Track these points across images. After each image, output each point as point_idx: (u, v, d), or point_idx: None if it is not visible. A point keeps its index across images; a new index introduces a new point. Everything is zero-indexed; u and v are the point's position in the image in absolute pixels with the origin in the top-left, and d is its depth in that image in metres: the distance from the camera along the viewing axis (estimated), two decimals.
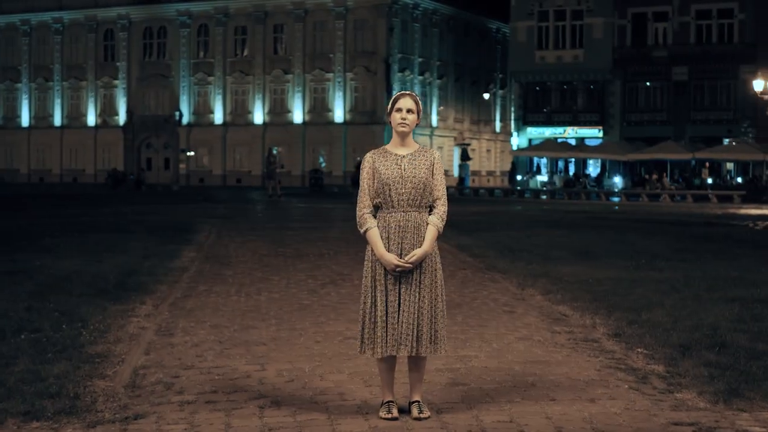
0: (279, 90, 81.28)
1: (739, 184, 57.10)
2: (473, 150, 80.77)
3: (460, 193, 61.60)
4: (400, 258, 6.09)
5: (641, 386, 7.09)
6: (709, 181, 58.58)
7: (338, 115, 78.68)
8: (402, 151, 6.24)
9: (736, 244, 19.58)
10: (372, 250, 6.17)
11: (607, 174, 64.18)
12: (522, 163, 67.77)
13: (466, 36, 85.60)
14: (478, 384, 7.15)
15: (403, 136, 6.24)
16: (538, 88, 67.76)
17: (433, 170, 6.22)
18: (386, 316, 6.11)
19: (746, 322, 9.61)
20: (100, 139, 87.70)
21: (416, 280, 6.13)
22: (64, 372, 7.29)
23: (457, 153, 68.75)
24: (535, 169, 68.19)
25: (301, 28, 79.77)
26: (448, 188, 5.71)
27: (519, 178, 66.43)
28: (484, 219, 27.52)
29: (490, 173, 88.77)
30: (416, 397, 6.29)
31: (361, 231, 6.20)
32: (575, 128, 66.08)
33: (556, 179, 64.88)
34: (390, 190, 6.13)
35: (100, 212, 30.46)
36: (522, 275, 13.57)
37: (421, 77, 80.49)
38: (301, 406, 6.50)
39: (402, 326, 6.07)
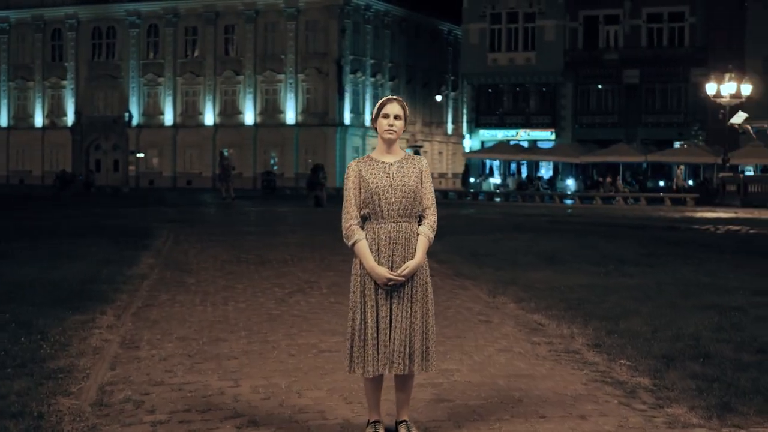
0: (230, 91, 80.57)
1: (690, 186, 57.46)
2: (425, 152, 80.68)
3: None
4: (391, 271, 5.76)
5: (630, 401, 6.91)
6: (665, 183, 58.74)
7: (290, 116, 78.13)
8: (389, 159, 5.93)
9: (701, 248, 19.50)
10: (360, 264, 5.82)
11: (559, 176, 64.38)
12: (475, 165, 67.78)
13: (417, 38, 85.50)
14: (463, 400, 6.89)
15: (389, 143, 5.93)
16: (490, 90, 67.84)
17: (421, 178, 5.94)
18: (377, 333, 5.76)
19: (727, 331, 9.47)
20: (48, 140, 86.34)
21: (408, 294, 5.79)
22: (26, 389, 6.94)
23: None
24: (487, 171, 68.27)
25: (252, 29, 79.14)
26: None
27: (472, 180, 66.40)
28: (443, 223, 27.08)
29: (442, 175, 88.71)
30: (404, 417, 6.00)
31: (349, 244, 5.82)
32: (527, 130, 66.30)
33: (510, 182, 64.92)
34: (379, 199, 5.79)
35: (52, 215, 29.78)
36: (492, 282, 13.33)
37: (372, 79, 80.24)
38: (281, 425, 6.20)
39: (394, 344, 5.73)
